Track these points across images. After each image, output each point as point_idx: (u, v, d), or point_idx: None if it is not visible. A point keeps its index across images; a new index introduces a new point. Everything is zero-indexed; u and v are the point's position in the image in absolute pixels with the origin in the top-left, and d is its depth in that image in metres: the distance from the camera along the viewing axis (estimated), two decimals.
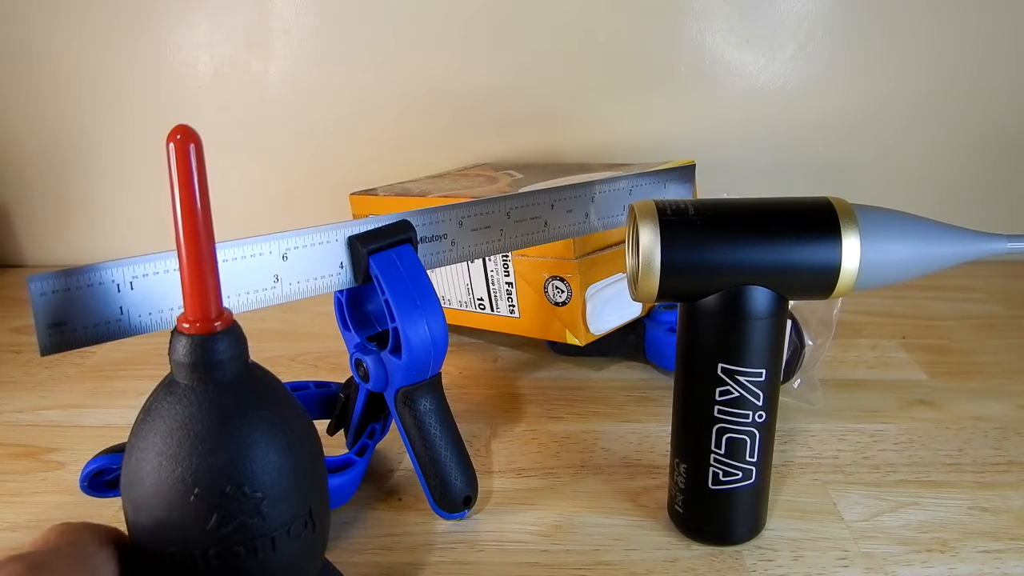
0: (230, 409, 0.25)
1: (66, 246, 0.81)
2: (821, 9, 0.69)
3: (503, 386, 0.54)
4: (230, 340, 0.25)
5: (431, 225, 0.39)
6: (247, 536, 0.25)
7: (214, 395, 0.24)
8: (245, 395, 0.25)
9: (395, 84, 0.73)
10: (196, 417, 0.24)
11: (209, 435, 0.24)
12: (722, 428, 0.35)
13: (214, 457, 0.24)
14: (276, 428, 0.25)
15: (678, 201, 0.33)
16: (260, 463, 0.25)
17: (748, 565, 0.36)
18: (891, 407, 0.50)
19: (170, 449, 0.24)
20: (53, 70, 0.74)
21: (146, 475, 0.24)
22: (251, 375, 0.26)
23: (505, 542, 0.38)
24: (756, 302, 0.32)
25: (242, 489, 0.24)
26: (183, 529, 0.24)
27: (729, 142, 0.74)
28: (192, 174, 0.23)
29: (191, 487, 0.24)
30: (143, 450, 0.24)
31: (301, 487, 0.26)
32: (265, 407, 0.26)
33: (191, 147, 0.22)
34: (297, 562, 0.27)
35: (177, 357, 0.24)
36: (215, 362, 0.24)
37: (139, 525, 0.25)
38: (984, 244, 0.33)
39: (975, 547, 0.37)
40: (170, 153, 0.22)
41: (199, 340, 0.24)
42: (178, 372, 0.25)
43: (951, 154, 0.74)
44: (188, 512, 0.24)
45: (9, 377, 0.57)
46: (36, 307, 0.29)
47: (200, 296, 0.24)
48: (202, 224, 0.23)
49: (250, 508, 0.25)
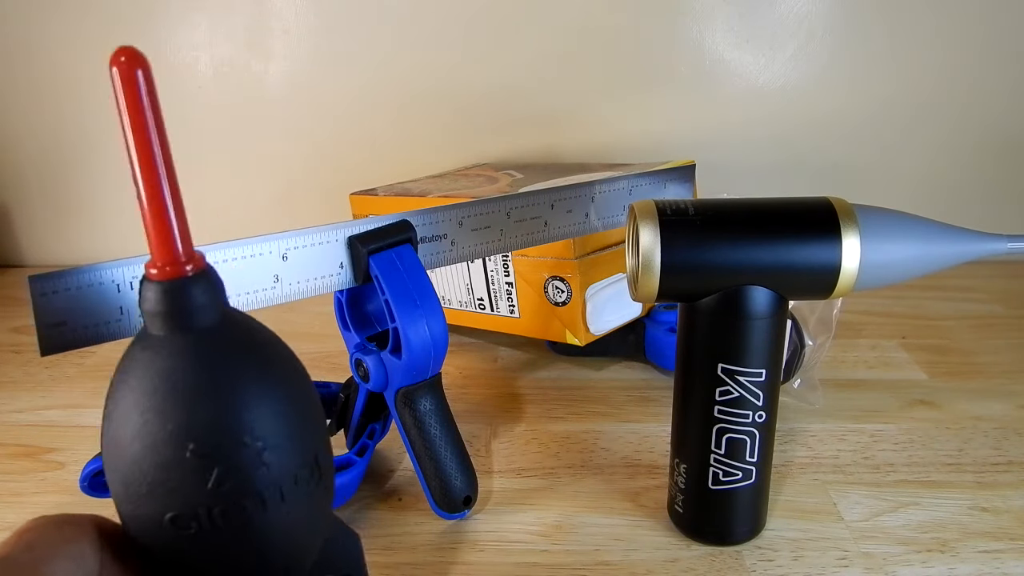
0: (214, 356, 0.22)
1: (66, 246, 0.81)
2: (821, 9, 0.69)
3: (503, 386, 0.54)
4: (206, 283, 0.22)
5: (431, 225, 0.39)
6: (252, 489, 0.23)
7: (195, 342, 0.22)
8: (229, 340, 0.23)
9: (395, 84, 0.73)
10: (179, 367, 0.22)
11: (196, 385, 0.22)
12: (722, 428, 0.35)
13: (206, 407, 0.22)
14: (268, 372, 0.24)
15: (678, 201, 0.33)
16: (256, 410, 0.23)
17: (748, 565, 0.36)
18: (891, 407, 0.50)
19: (156, 405, 0.22)
20: (53, 70, 0.74)
21: (132, 437, 0.22)
22: (231, 319, 0.24)
23: (505, 542, 0.38)
24: (756, 302, 0.32)
25: (241, 439, 0.22)
26: (181, 490, 0.22)
27: (729, 142, 0.74)
28: (142, 99, 0.20)
29: (184, 442, 0.22)
30: (124, 412, 0.22)
31: (303, 432, 0.24)
32: (253, 351, 0.24)
33: (139, 72, 0.20)
34: (309, 514, 0.25)
35: (149, 307, 0.22)
36: (192, 307, 0.22)
37: (129, 494, 0.23)
38: (984, 244, 0.33)
39: (975, 547, 0.37)
40: (115, 79, 0.20)
41: (171, 285, 0.22)
42: (152, 324, 0.22)
43: (951, 154, 0.74)
44: (185, 470, 0.22)
45: (9, 377, 0.57)
46: (36, 307, 0.29)
47: (166, 236, 0.22)
48: (160, 156, 0.21)
49: (252, 458, 0.22)
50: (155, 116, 0.21)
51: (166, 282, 0.22)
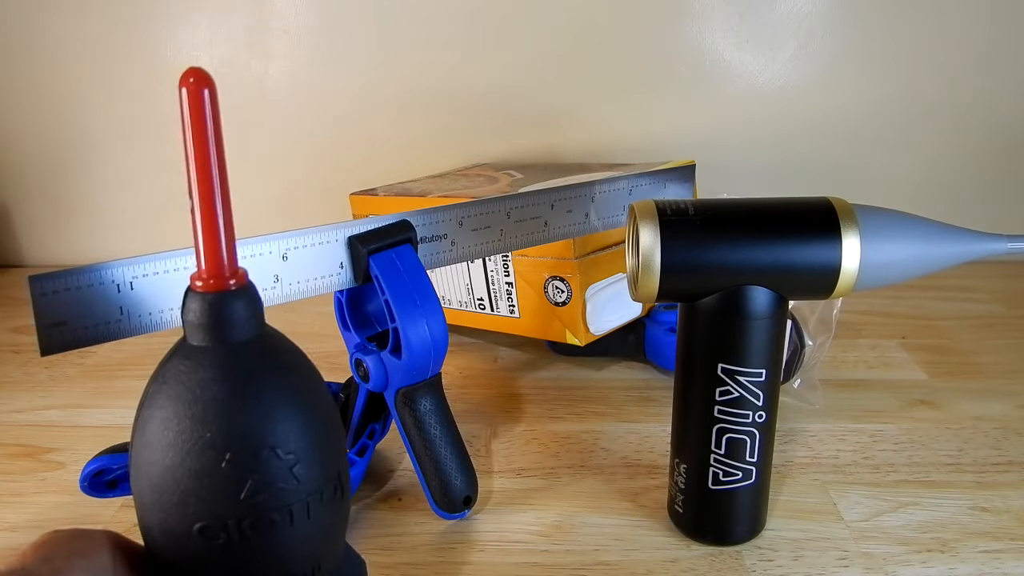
0: (253, 369, 0.23)
1: (66, 246, 0.81)
2: (821, 9, 0.69)
3: (503, 386, 0.54)
4: (247, 298, 0.23)
5: (431, 225, 0.39)
6: (283, 502, 0.23)
7: (236, 355, 0.23)
8: (266, 354, 0.24)
9: (395, 84, 0.73)
10: (219, 378, 0.23)
11: (236, 396, 0.22)
12: (722, 428, 0.35)
13: (244, 418, 0.22)
14: (300, 388, 0.24)
15: (678, 201, 0.33)
16: (289, 424, 0.23)
17: (748, 565, 0.36)
18: (891, 407, 0.50)
19: (195, 413, 0.22)
20: (53, 70, 0.74)
21: (167, 445, 0.22)
22: (268, 334, 0.24)
23: (505, 542, 0.38)
24: (756, 302, 0.32)
25: (276, 451, 0.23)
26: (214, 500, 0.22)
27: (729, 142, 0.74)
28: (206, 121, 0.21)
29: (222, 452, 0.22)
30: (161, 420, 0.23)
31: (330, 449, 0.25)
32: (287, 367, 0.24)
33: (205, 92, 0.21)
34: (332, 530, 0.25)
35: (192, 317, 0.23)
36: (233, 320, 0.23)
37: (160, 503, 0.23)
38: (984, 244, 0.33)
39: (975, 547, 0.37)
40: (183, 98, 0.21)
41: (215, 298, 0.23)
42: (193, 334, 0.23)
43: (951, 154, 0.74)
44: (220, 479, 0.22)
45: (9, 377, 0.57)
46: (36, 307, 0.29)
47: (214, 251, 0.22)
48: (217, 174, 0.22)
49: (284, 472, 0.23)
50: (216, 136, 0.21)
51: (210, 294, 0.23)
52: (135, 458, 0.23)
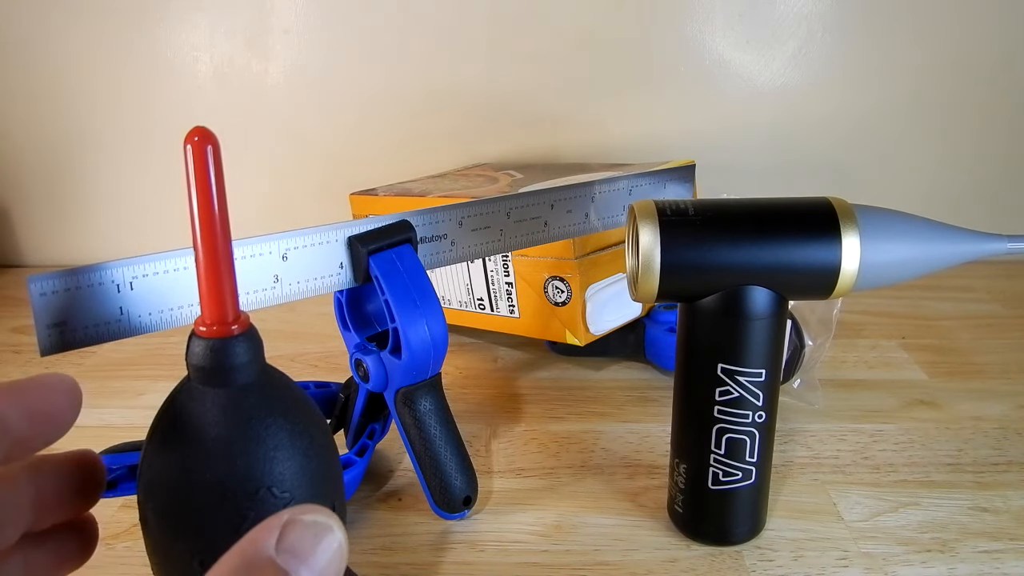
0: (253, 411, 0.25)
1: (66, 246, 0.81)
2: (821, 9, 0.69)
3: (503, 386, 0.54)
4: (249, 343, 0.25)
5: (431, 225, 0.39)
6: None
7: (237, 398, 0.24)
8: (266, 396, 0.25)
9: (395, 84, 0.73)
10: (221, 421, 0.24)
11: (237, 438, 0.24)
12: (722, 428, 0.35)
13: (243, 460, 0.24)
14: (298, 428, 0.26)
15: (678, 201, 0.33)
16: (286, 464, 0.25)
17: (748, 565, 0.36)
18: (891, 407, 0.50)
19: (198, 454, 0.24)
20: (53, 70, 0.74)
21: (172, 482, 0.24)
22: (269, 376, 0.26)
23: (505, 542, 0.38)
24: (756, 302, 0.32)
25: (271, 490, 0.24)
26: (214, 536, 0.24)
27: (729, 142, 0.74)
28: (210, 176, 0.22)
29: (223, 492, 0.24)
30: (167, 457, 0.24)
31: (325, 485, 0.26)
32: (286, 407, 0.26)
33: (208, 149, 0.22)
34: None
35: (196, 361, 0.24)
36: (235, 365, 0.24)
37: (164, 535, 0.25)
38: (984, 244, 0.33)
39: (975, 547, 0.37)
40: (187, 155, 0.22)
41: (218, 344, 0.24)
42: (196, 376, 0.25)
43: (951, 154, 0.74)
44: (219, 517, 0.24)
45: (9, 377, 0.57)
46: (36, 307, 0.29)
47: (218, 299, 0.24)
48: (219, 227, 0.23)
49: (279, 510, 0.25)
50: (219, 190, 0.23)
51: (213, 340, 0.24)
52: (144, 487, 0.25)
